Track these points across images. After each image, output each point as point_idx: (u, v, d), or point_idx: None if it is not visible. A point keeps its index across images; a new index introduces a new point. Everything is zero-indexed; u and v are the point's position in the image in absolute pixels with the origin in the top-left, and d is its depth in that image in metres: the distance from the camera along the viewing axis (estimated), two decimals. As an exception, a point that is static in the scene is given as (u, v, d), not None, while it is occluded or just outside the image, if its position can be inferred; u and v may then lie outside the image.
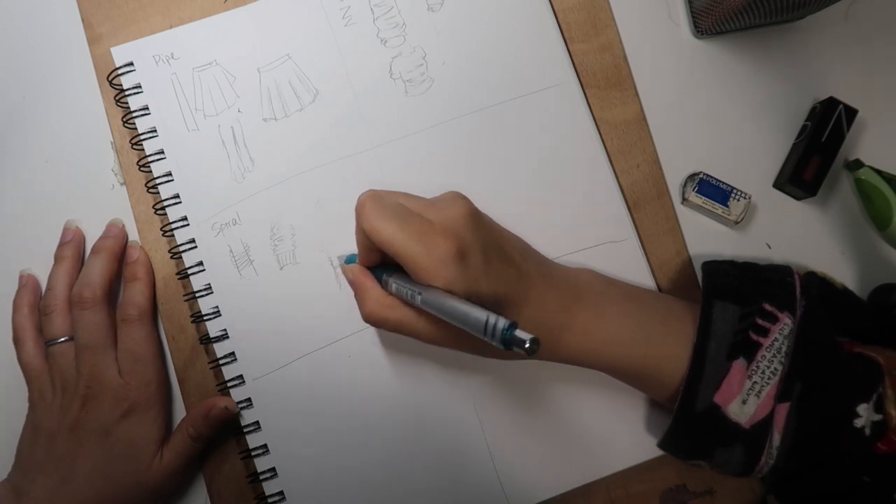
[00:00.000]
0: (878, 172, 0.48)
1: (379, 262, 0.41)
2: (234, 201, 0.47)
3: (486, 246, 0.39)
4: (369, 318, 0.40)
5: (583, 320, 0.41)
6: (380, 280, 0.41)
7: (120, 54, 0.49)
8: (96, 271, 0.46)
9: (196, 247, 0.47)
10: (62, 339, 0.46)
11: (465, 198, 0.40)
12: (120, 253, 0.48)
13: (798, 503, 0.42)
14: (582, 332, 0.41)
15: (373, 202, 0.39)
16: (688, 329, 0.41)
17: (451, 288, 0.36)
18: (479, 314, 0.33)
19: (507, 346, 0.32)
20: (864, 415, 0.38)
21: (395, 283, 0.39)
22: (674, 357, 0.41)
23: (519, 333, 0.32)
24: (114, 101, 0.49)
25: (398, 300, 0.39)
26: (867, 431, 0.38)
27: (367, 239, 0.39)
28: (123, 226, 0.49)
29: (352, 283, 0.42)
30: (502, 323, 0.32)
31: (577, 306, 0.41)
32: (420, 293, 0.37)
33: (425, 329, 0.39)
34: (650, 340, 0.41)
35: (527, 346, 0.31)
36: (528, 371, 0.46)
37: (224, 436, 0.47)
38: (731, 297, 0.40)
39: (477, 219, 0.39)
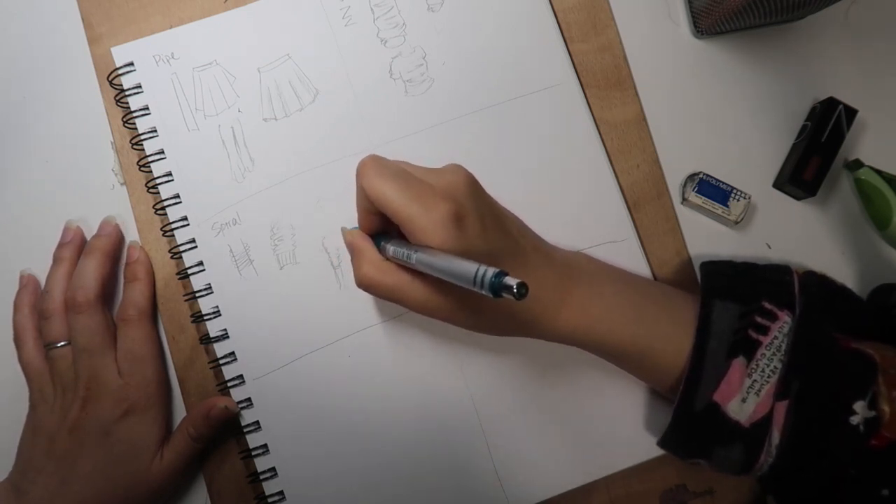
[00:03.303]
0: (878, 172, 0.48)
1: (379, 228, 0.41)
2: (234, 201, 0.47)
3: (485, 214, 0.39)
4: (363, 281, 0.40)
5: (579, 297, 0.41)
6: (378, 247, 0.41)
7: (120, 54, 0.49)
8: (89, 273, 0.46)
9: (196, 247, 0.47)
10: (61, 344, 0.45)
11: (466, 169, 0.40)
12: (114, 251, 0.48)
13: (795, 501, 0.42)
14: (578, 308, 0.41)
15: (374, 162, 0.39)
16: (683, 314, 0.41)
17: (446, 249, 0.36)
18: (469, 266, 0.34)
19: (497, 293, 0.32)
20: (860, 412, 0.38)
21: (391, 247, 0.39)
22: (670, 340, 0.41)
23: (507, 280, 0.32)
24: (114, 101, 0.49)
25: (394, 265, 0.40)
26: (861, 428, 0.38)
27: (366, 200, 0.39)
28: (118, 224, 0.49)
29: (349, 247, 0.42)
30: (491, 271, 0.33)
31: (574, 284, 0.42)
32: (415, 252, 0.37)
33: (418, 294, 0.39)
34: (645, 320, 0.42)
35: (514, 290, 0.31)
36: (530, 371, 0.47)
37: (224, 436, 0.47)
38: (731, 297, 0.40)
39: (477, 188, 0.40)
